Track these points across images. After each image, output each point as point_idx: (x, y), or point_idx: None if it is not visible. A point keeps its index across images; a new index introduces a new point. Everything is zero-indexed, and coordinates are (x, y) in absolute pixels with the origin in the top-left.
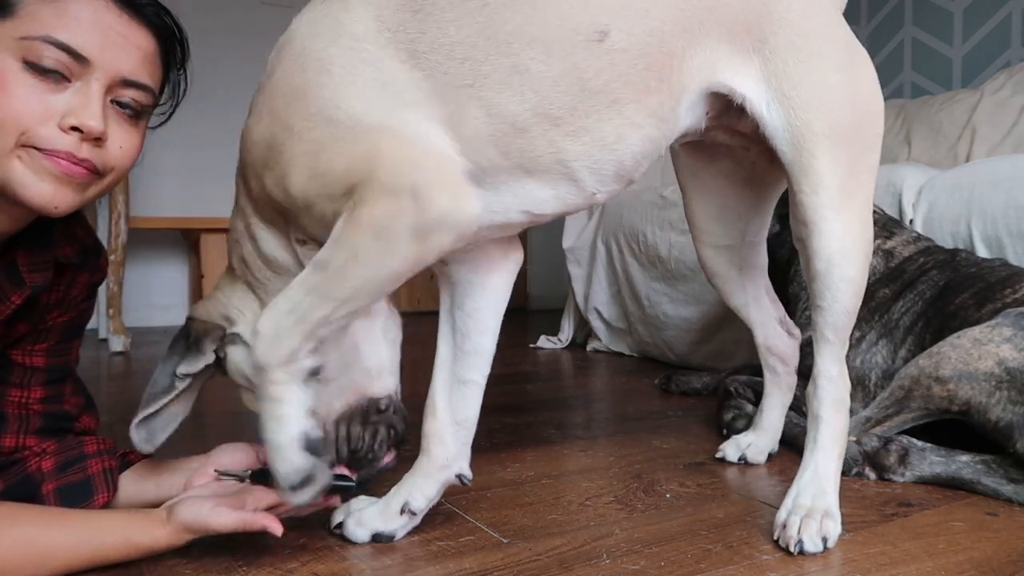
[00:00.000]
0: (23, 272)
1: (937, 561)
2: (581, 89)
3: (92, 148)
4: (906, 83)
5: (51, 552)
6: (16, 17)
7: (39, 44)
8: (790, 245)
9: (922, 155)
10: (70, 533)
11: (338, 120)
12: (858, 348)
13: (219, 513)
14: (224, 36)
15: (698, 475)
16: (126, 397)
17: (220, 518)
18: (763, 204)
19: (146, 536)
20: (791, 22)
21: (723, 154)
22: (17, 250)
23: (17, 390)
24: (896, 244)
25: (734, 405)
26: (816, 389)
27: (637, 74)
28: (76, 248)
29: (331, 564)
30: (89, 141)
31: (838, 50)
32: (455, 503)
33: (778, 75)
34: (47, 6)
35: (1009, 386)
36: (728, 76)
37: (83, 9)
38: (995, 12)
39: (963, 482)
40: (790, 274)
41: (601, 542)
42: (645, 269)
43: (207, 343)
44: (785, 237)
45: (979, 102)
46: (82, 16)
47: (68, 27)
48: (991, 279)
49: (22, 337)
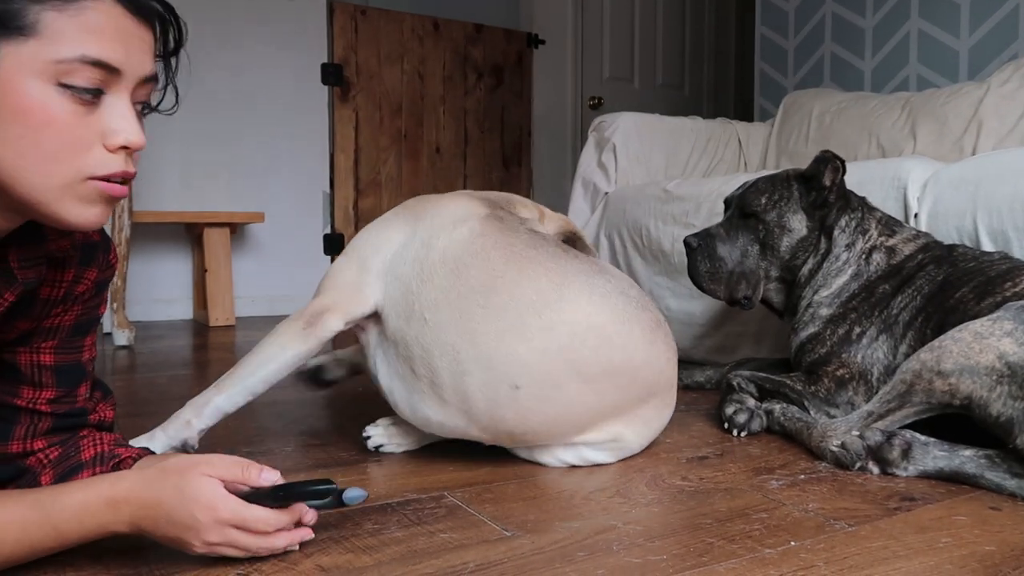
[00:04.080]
0: (14, 269)
1: (940, 556)
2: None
3: (130, 158)
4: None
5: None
6: (41, 37)
7: (76, 66)
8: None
9: (927, 148)
10: (23, 511)
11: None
12: (859, 344)
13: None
14: (226, 30)
15: (701, 469)
16: (131, 391)
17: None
18: None
19: (100, 525)
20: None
21: None
22: (8, 248)
23: (29, 389)
24: (898, 241)
25: (736, 399)
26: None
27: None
28: (70, 241)
29: (335, 557)
30: (131, 154)
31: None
32: (459, 496)
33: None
34: (69, 20)
35: (1010, 381)
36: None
37: (102, 17)
38: (1002, 4)
39: (966, 476)
40: (797, 279)
41: (604, 535)
42: (648, 263)
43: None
44: (806, 243)
45: (985, 95)
46: (106, 26)
47: (97, 41)
48: (991, 273)
49: (27, 335)
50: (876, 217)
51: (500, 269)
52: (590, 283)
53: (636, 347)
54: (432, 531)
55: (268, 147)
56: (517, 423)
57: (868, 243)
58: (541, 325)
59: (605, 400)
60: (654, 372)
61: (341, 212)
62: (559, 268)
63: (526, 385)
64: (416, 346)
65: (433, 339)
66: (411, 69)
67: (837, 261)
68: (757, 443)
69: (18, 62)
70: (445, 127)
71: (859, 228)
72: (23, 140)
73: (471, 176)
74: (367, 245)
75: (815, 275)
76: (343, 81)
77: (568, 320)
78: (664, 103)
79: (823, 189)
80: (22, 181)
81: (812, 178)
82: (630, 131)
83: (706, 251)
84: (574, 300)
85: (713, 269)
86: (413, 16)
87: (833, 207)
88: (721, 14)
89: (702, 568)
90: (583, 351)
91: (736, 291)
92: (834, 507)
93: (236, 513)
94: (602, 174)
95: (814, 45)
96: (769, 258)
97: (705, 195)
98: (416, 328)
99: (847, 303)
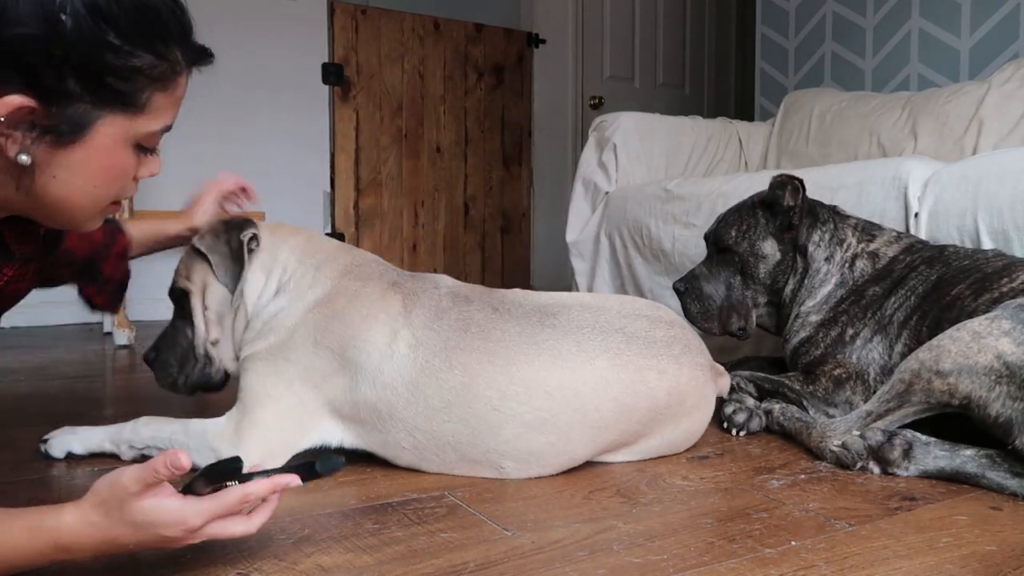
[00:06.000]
0: (11, 245)
1: (941, 555)
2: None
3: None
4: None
5: None
6: (145, 114)
7: (157, 134)
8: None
9: (928, 148)
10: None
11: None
12: (852, 345)
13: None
14: (226, 30)
15: (701, 468)
16: (131, 391)
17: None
18: None
19: (58, 561)
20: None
21: None
22: (4, 227)
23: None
24: (879, 245)
25: (736, 399)
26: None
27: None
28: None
29: (336, 556)
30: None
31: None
32: (459, 496)
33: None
34: (167, 97)
35: (1008, 381)
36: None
37: (182, 89)
38: (1003, 3)
39: (967, 476)
40: (785, 289)
41: (604, 535)
42: (649, 263)
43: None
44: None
45: (986, 94)
46: (182, 95)
47: (175, 109)
48: (987, 269)
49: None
50: (851, 224)
51: (448, 380)
52: (535, 344)
53: (629, 391)
54: (432, 531)
55: (269, 146)
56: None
57: (848, 252)
58: (503, 417)
59: (613, 437)
60: (673, 399)
61: (342, 212)
62: (500, 349)
63: (516, 461)
64: (404, 450)
65: (419, 456)
66: (411, 68)
67: (818, 275)
68: (757, 443)
69: (120, 131)
70: (446, 126)
71: (834, 239)
72: (90, 185)
73: (471, 175)
74: (300, 389)
75: (798, 293)
76: (344, 81)
77: (522, 396)
78: (665, 102)
79: (787, 212)
80: (70, 206)
81: (774, 203)
82: (630, 131)
83: (693, 292)
84: (524, 378)
85: (704, 308)
86: (413, 16)
87: (802, 226)
88: (721, 14)
89: (702, 568)
90: (562, 413)
91: (729, 324)
92: (834, 507)
93: (205, 513)
94: (603, 174)
95: (815, 44)
96: (752, 287)
97: (706, 195)
98: (395, 449)
99: (836, 307)
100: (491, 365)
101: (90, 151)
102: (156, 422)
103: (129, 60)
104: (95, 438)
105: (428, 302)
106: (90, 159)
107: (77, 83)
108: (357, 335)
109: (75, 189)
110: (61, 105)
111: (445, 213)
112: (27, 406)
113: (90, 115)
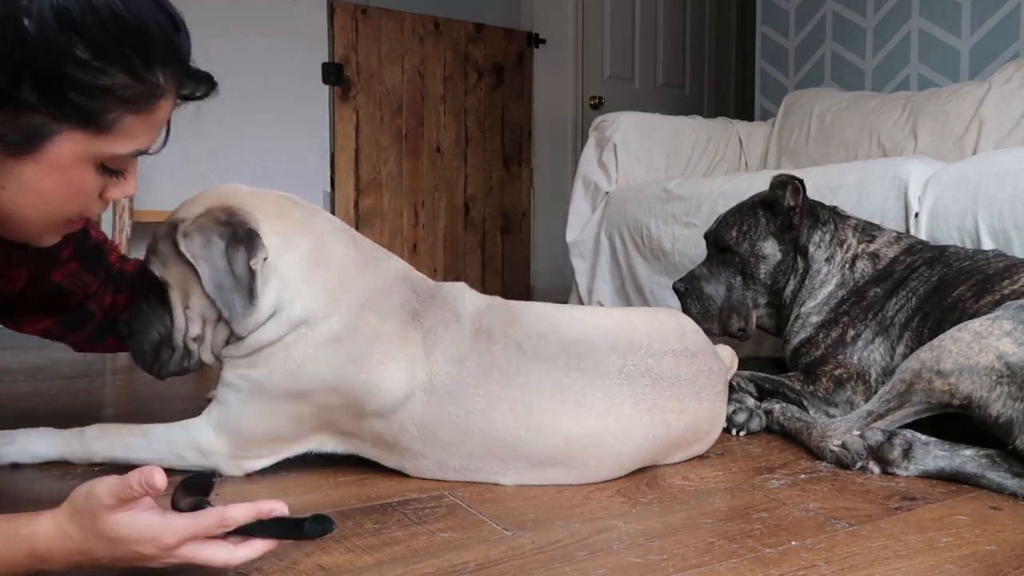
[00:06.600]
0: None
1: (941, 555)
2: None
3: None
4: (912, 75)
5: None
6: (111, 135)
7: (126, 159)
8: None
9: (928, 148)
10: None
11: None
12: (854, 346)
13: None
14: (226, 30)
15: (701, 468)
16: (131, 391)
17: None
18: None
19: (34, 568)
20: None
21: None
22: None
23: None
24: (879, 246)
25: (736, 399)
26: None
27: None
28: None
29: (336, 556)
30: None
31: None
32: (459, 496)
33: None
34: (142, 121)
35: (1009, 381)
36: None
37: (164, 113)
38: (1003, 3)
39: (967, 476)
40: (785, 290)
41: (605, 535)
42: (649, 263)
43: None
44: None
45: (986, 94)
46: (163, 119)
47: (153, 134)
48: (989, 271)
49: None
50: (851, 225)
51: (464, 425)
52: (560, 391)
53: (651, 435)
54: (432, 531)
55: (269, 146)
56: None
57: (849, 252)
58: (516, 455)
59: (626, 472)
60: (689, 432)
61: (342, 212)
62: (522, 396)
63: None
64: (403, 466)
65: (418, 472)
66: (411, 68)
67: (819, 275)
68: (757, 442)
69: (80, 149)
70: (446, 126)
71: (835, 240)
72: (42, 202)
73: (471, 175)
74: (297, 418)
75: (798, 293)
76: (344, 80)
77: (539, 441)
78: (665, 102)
79: (787, 212)
80: (20, 219)
81: (774, 203)
82: (631, 130)
83: (694, 293)
84: (544, 425)
85: (704, 309)
86: (413, 15)
87: (802, 227)
88: (721, 13)
89: (703, 567)
90: (579, 456)
91: (729, 325)
92: (834, 507)
93: (181, 532)
94: (603, 173)
95: (815, 44)
96: (753, 287)
97: (706, 194)
98: (394, 464)
99: (837, 308)
100: (512, 413)
101: (44, 166)
102: (109, 435)
103: (97, 77)
104: (41, 447)
105: (449, 341)
106: (43, 175)
107: (34, 92)
108: (371, 381)
109: (24, 204)
110: (12, 112)
111: (445, 213)
112: (27, 406)
113: (46, 128)
